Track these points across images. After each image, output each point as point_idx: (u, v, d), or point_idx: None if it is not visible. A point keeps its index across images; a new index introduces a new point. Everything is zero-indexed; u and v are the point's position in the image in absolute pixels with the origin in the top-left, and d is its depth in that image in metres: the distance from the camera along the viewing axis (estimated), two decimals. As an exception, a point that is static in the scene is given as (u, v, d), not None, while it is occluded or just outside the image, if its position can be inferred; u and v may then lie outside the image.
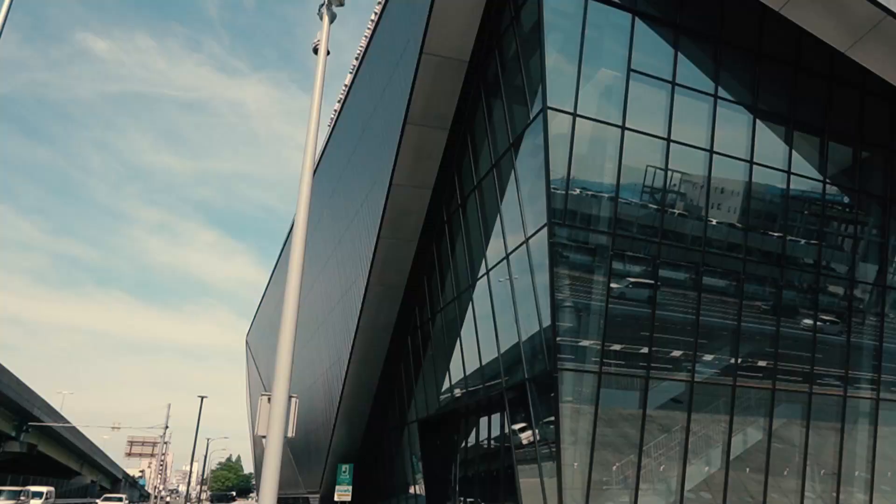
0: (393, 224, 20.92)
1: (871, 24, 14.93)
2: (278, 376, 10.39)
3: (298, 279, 10.60)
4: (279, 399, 10.49)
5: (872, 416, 16.44)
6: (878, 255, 17.23)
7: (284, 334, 10.34)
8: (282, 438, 10.30)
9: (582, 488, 14.14)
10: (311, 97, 11.95)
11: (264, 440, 10.75)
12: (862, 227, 17.19)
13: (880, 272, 17.14)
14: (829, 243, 16.96)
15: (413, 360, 23.84)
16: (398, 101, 19.56)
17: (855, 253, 17.02)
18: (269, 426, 10.39)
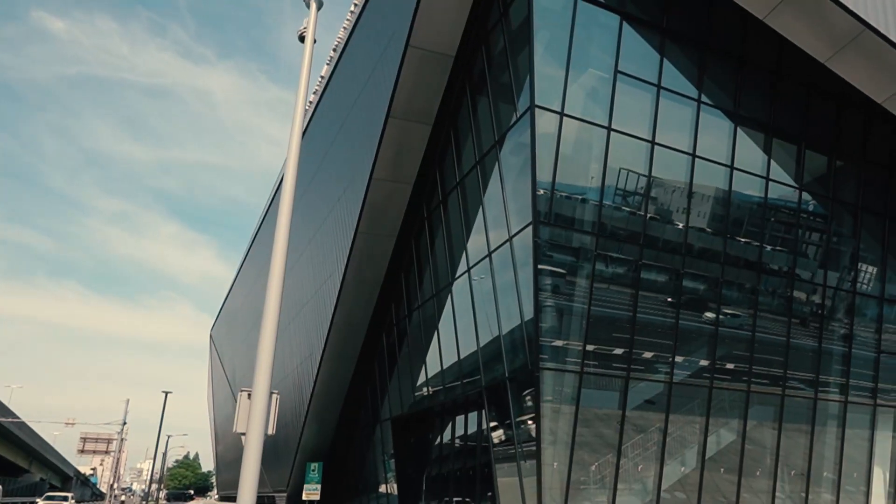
0: (372, 219, 20.69)
1: (851, 37, 15.28)
2: (259, 372, 10.17)
3: (281, 275, 10.46)
4: (260, 395, 10.25)
5: (841, 419, 16.82)
6: (850, 262, 17.63)
7: (266, 329, 10.14)
8: (262, 436, 10.09)
9: (561, 488, 14.15)
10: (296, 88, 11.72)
11: (243, 438, 10.50)
12: (834, 234, 17.58)
13: (851, 279, 17.54)
14: (802, 250, 17.30)
15: (388, 358, 23.63)
16: (381, 94, 19.35)
17: (827, 260, 17.39)
18: (248, 423, 10.15)
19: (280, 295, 10.34)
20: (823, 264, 17.33)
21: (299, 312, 27.89)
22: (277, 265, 10.48)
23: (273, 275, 10.38)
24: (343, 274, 21.89)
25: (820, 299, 17.18)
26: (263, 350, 10.15)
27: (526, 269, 14.99)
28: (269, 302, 10.25)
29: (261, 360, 10.08)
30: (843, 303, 17.39)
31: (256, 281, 40.78)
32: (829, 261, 17.40)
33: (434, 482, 20.84)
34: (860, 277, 17.58)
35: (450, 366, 18.96)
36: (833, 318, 17.25)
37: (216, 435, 67.18)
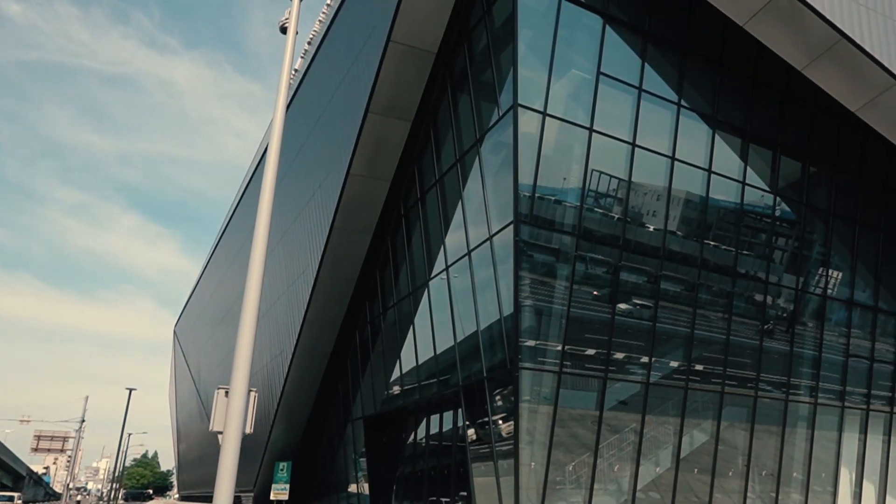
0: (348, 215, 20.42)
1: (828, 46, 15.57)
2: (237, 369, 9.97)
3: (260, 273, 10.31)
4: (238, 393, 10.05)
5: (810, 421, 17.14)
6: (820, 267, 17.98)
7: (244, 327, 9.95)
8: (240, 434, 9.91)
9: (538, 487, 14.12)
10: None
11: (220, 436, 10.28)
12: (806, 239, 17.91)
13: (821, 284, 17.89)
14: (776, 255, 17.59)
15: (361, 356, 23.38)
16: (360, 89, 19.10)
17: (798, 265, 17.71)
18: (226, 422, 9.95)
19: (259, 292, 10.17)
20: (795, 269, 17.64)
21: (270, 308, 27.44)
22: (257, 263, 10.29)
23: (252, 273, 10.18)
24: (317, 270, 21.58)
25: (792, 303, 17.48)
26: (241, 348, 9.96)
27: (506, 268, 14.92)
28: (248, 299, 10.06)
29: (239, 358, 9.89)
30: (813, 307, 17.73)
31: (225, 277, 40.05)
32: (800, 266, 17.72)
33: (407, 482, 20.68)
34: (830, 282, 17.94)
35: (425, 364, 18.82)
36: (804, 322, 17.57)
37: (178, 433, 65.90)
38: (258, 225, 10.65)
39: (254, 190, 34.53)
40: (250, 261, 10.23)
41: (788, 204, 17.63)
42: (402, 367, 20.25)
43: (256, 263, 10.32)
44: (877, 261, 18.57)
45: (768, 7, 15.35)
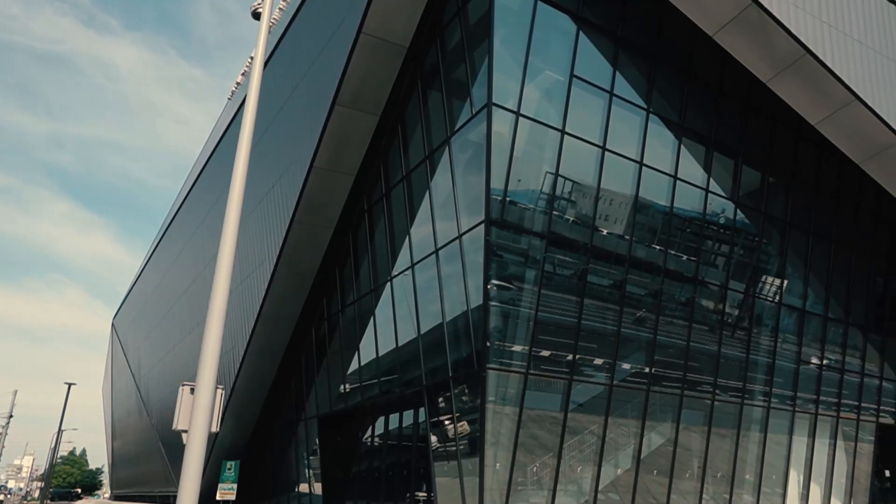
0: (310, 208, 19.91)
1: (792, 60, 16.00)
2: (204, 365, 9.56)
3: (229, 266, 9.97)
4: (205, 389, 9.63)
5: (763, 424, 17.60)
6: (776, 276, 18.49)
7: (212, 322, 9.58)
8: (206, 433, 9.50)
9: (502, 488, 14.04)
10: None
11: (184, 435, 9.83)
12: (763, 249, 18.38)
13: (777, 293, 18.40)
14: (736, 263, 17.99)
15: (316, 353, 22.86)
16: (327, 80, 18.63)
17: (756, 273, 18.17)
18: (191, 419, 9.52)
19: (227, 286, 9.79)
20: (753, 277, 18.09)
21: (222, 303, 26.57)
22: (226, 256, 9.94)
23: (221, 266, 9.82)
24: (275, 264, 20.98)
25: (748, 311, 17.91)
26: (209, 343, 9.57)
27: (475, 267, 14.79)
28: (216, 293, 9.69)
29: (206, 354, 9.51)
30: (768, 315, 18.21)
31: (170, 271, 38.69)
32: (757, 274, 18.18)
33: (363, 481, 20.32)
34: (785, 291, 18.46)
35: (386, 363, 18.51)
36: (759, 328, 18.02)
37: (113, 429, 63.41)
38: (227, 219, 10.26)
39: (204, 184, 33.45)
40: (219, 254, 9.83)
41: (748, 213, 18.06)
42: (361, 365, 19.88)
43: (225, 256, 9.94)
44: (828, 271, 19.22)
45: (738, 19, 15.67)
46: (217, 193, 29.52)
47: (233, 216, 10.35)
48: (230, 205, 10.36)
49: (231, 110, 31.11)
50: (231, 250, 10.01)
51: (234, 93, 33.41)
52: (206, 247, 30.34)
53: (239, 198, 10.60)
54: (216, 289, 9.70)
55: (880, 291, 20.46)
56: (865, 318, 19.97)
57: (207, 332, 9.50)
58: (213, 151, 32.49)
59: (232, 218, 10.34)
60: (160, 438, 37.52)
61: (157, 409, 38.80)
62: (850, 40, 16.37)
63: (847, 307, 19.55)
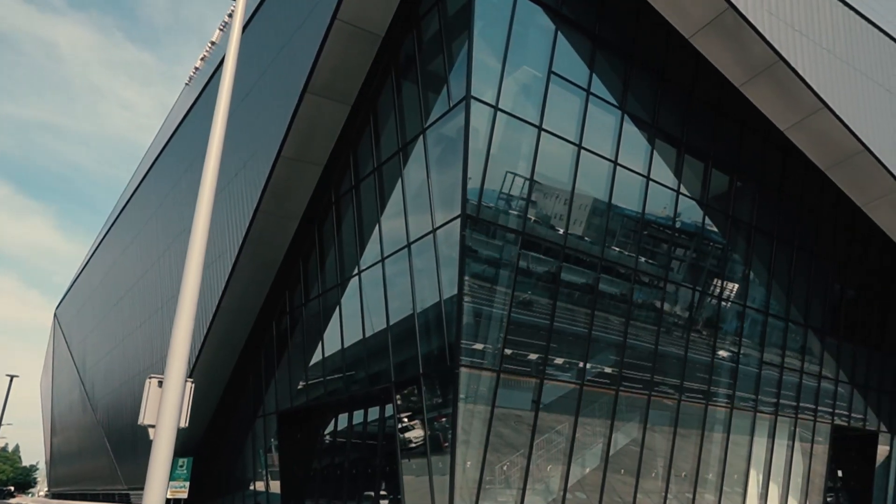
0: (276, 199, 19.30)
1: (765, 66, 16.22)
2: (173, 358, 9.11)
3: (201, 252, 9.60)
4: (174, 383, 9.19)
5: (726, 426, 17.83)
6: (742, 279, 18.77)
7: (182, 312, 8.96)
8: (174, 428, 9.09)
9: (472, 487, 13.82)
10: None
11: (151, 430, 9.35)
12: (730, 252, 18.62)
13: (742, 296, 18.67)
14: (703, 266, 18.18)
15: (277, 348, 22.23)
16: (298, 67, 18.06)
17: (722, 276, 18.39)
18: (159, 414, 9.06)
19: (199, 276, 9.41)
20: (719, 280, 18.30)
21: (175, 295, 25.61)
22: (197, 246, 9.57)
23: (192, 255, 9.48)
24: (237, 256, 20.28)
25: (715, 314, 18.12)
26: (179, 335, 9.14)
27: (449, 263, 14.51)
28: (187, 283, 9.30)
29: (175, 345, 9.07)
30: (733, 318, 18.46)
31: (119, 261, 37.24)
32: (723, 278, 18.40)
33: (325, 479, 19.83)
34: (749, 294, 18.74)
35: (353, 359, 18.08)
36: (724, 332, 18.25)
37: (53, 425, 60.88)
38: (199, 207, 9.86)
39: (159, 173, 32.25)
40: (190, 242, 9.48)
41: (715, 216, 18.26)
42: (326, 361, 19.38)
43: (197, 245, 9.56)
44: (789, 276, 19.62)
45: (714, 23, 15.79)
46: (173, 182, 28.50)
47: (205, 204, 9.91)
48: (202, 193, 9.91)
49: (190, 96, 30.06)
50: (203, 239, 9.62)
51: (193, 78, 32.28)
52: (160, 237, 29.27)
53: (211, 186, 10.15)
54: (187, 278, 9.27)
55: (837, 296, 21.02)
56: (822, 323, 20.48)
57: (177, 323, 9.07)
58: (168, 139, 31.33)
59: (204, 206, 9.91)
60: (106, 434, 36.10)
61: (104, 404, 37.31)
62: (820, 49, 16.69)
63: (806, 311, 20.00)
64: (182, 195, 26.45)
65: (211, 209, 9.84)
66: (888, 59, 18.26)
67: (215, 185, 9.96)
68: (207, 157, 9.99)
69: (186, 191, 26.00)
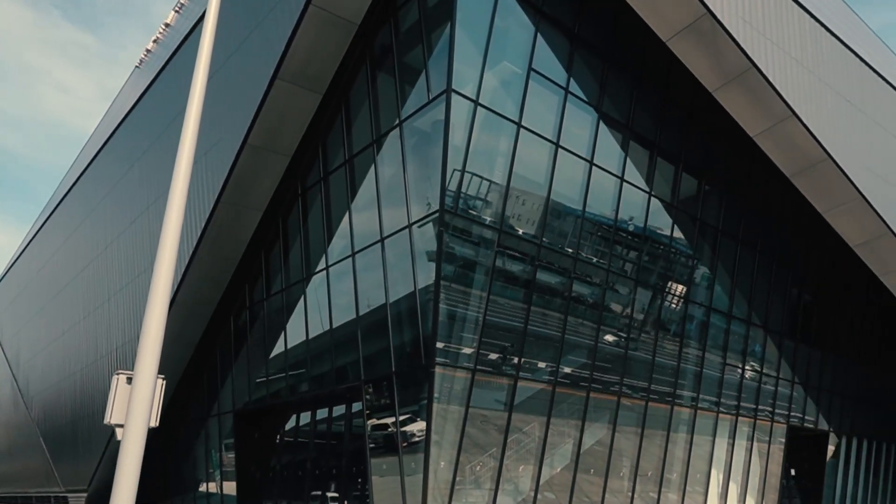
0: (239, 189, 18.54)
1: (739, 72, 16.45)
2: (143, 353, 8.59)
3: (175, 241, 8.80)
4: (145, 379, 8.66)
5: (690, 427, 18.05)
6: (708, 282, 19.04)
7: (153, 305, 8.35)
8: (145, 428, 8.56)
9: (445, 487, 13.55)
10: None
11: (119, 430, 8.79)
12: (697, 255, 18.87)
13: (707, 300, 18.94)
14: (671, 269, 18.36)
15: (234, 344, 21.42)
16: (268, 52, 17.36)
17: (689, 280, 18.61)
18: (128, 413, 8.53)
19: (172, 266, 8.92)
20: (687, 284, 18.52)
21: (126, 287, 24.46)
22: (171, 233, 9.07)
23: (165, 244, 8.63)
24: (195, 247, 19.39)
25: (681, 317, 18.32)
26: (150, 327, 8.66)
27: (426, 259, 14.20)
28: (160, 272, 8.73)
29: (147, 339, 8.58)
30: (698, 321, 18.71)
31: (59, 252, 35.39)
32: (691, 281, 18.62)
33: (286, 480, 19.18)
34: (714, 299, 19.03)
35: (319, 356, 17.52)
36: (690, 335, 18.48)
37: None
38: (173, 192, 9.38)
39: (106, 161, 30.73)
40: (163, 231, 8.86)
41: (685, 220, 18.46)
42: (289, 358, 18.74)
43: (170, 236, 9.09)
44: (752, 280, 20.03)
45: (692, 27, 15.91)
46: (124, 169, 27.20)
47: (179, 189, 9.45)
48: (176, 176, 9.45)
49: (141, 80, 28.74)
50: (177, 228, 9.17)
51: (145, 61, 30.90)
52: (108, 226, 27.90)
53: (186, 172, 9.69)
54: (159, 267, 8.77)
55: (795, 301, 21.60)
56: (781, 326, 21.00)
57: (149, 314, 8.53)
58: (118, 124, 29.88)
59: (178, 190, 9.44)
60: (41, 434, 34.26)
61: (40, 402, 35.39)
62: (789, 58, 17.05)
63: (766, 315, 20.47)
64: (135, 182, 25.26)
65: (185, 198, 9.39)
66: (852, 73, 18.85)
67: (189, 173, 9.48)
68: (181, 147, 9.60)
69: (140, 177, 24.83)
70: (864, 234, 18.49)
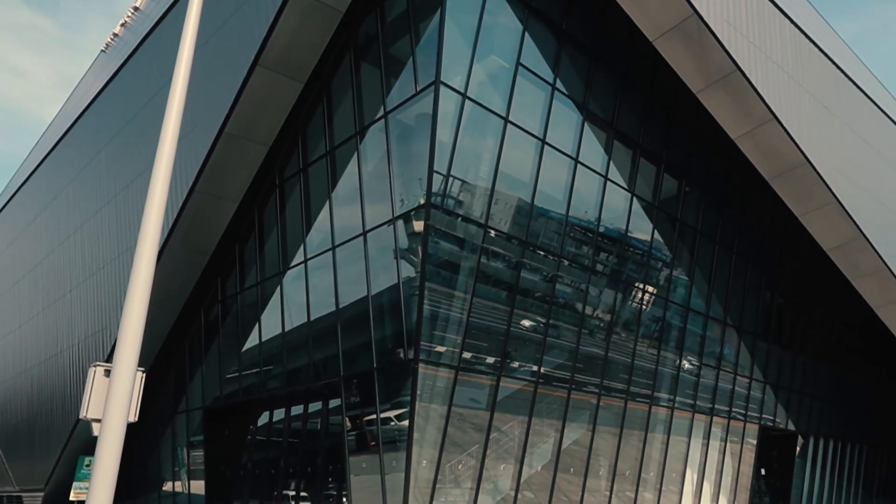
0: (214, 178, 17.96)
1: (723, 74, 16.54)
2: (123, 344, 8.22)
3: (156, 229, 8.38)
4: (124, 371, 8.27)
5: (667, 427, 18.12)
6: (686, 284, 19.15)
7: (134, 295, 7.98)
8: (124, 423, 8.13)
9: (427, 486, 13.30)
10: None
11: (95, 426, 8.36)
12: (677, 256, 18.96)
13: (685, 301, 19.05)
14: (655, 270, 18.39)
15: (205, 339, 20.79)
16: (247, 38, 16.85)
17: (670, 281, 18.68)
18: (106, 407, 8.10)
19: (154, 254, 8.61)
20: (667, 285, 18.58)
21: (90, 278, 23.57)
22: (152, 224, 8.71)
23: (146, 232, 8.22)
24: (166, 237, 18.74)
25: (660, 318, 18.38)
26: (131, 318, 8.30)
27: (410, 254, 13.92)
28: (141, 259, 8.32)
29: (126, 329, 8.24)
30: (677, 323, 18.80)
31: (19, 240, 34.02)
32: (671, 282, 18.69)
33: (258, 479, 18.66)
34: (692, 299, 19.15)
35: (296, 352, 17.08)
36: (669, 336, 18.56)
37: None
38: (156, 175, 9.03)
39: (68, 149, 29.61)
40: (143, 220, 8.26)
41: (665, 220, 18.53)
42: (263, 353, 18.24)
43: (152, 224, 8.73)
44: (727, 282, 20.23)
45: (679, 27, 15.93)
46: (88, 157, 26.23)
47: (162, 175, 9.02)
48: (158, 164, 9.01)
49: (108, 64, 27.75)
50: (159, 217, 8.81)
51: (111, 46, 29.87)
52: (71, 215, 26.89)
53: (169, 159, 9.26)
54: (140, 255, 8.37)
55: (768, 302, 21.90)
56: (755, 327, 21.27)
57: (129, 305, 8.13)
58: (83, 111, 28.81)
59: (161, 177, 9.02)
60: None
61: (-7, 397, 33.99)
62: (771, 63, 17.23)
63: (741, 316, 20.70)
64: (102, 170, 24.36)
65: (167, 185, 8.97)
66: (828, 79, 19.16)
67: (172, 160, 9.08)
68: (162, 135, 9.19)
69: (107, 165, 23.95)
70: (837, 237, 18.81)
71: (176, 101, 9.35)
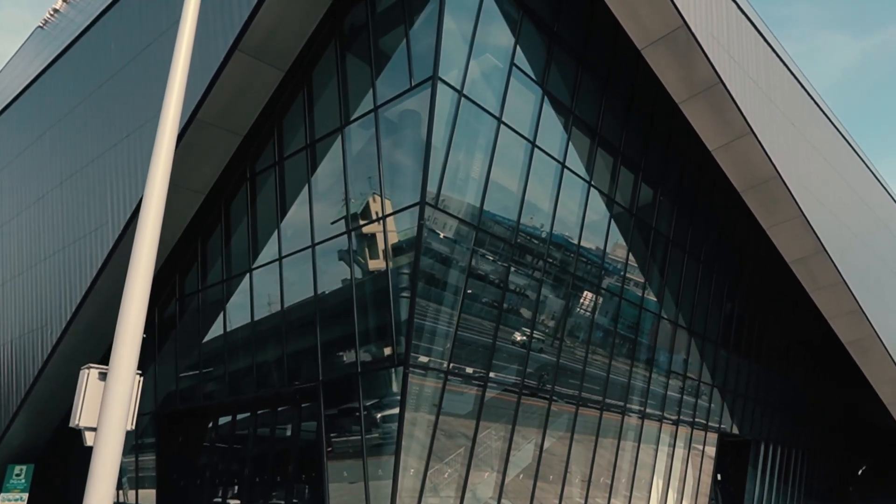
0: (182, 168, 16.77)
1: (706, 86, 16.81)
2: (122, 345, 7.65)
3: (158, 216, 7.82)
4: (122, 375, 7.62)
5: (637, 435, 18.25)
6: (658, 292, 19.37)
7: (132, 294, 7.46)
8: (122, 432, 7.46)
9: (413, 494, 12.83)
10: None
11: (90, 435, 7.65)
12: (651, 264, 19.15)
13: (658, 310, 19.26)
14: (631, 278, 18.51)
15: (159, 339, 19.54)
16: (225, 20, 15.89)
17: (645, 290, 18.85)
18: (101, 414, 7.40)
19: (154, 248, 7.84)
20: (641, 294, 18.74)
21: (31, 267, 21.78)
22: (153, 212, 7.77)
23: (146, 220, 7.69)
24: (122, 228, 17.47)
25: (634, 327, 18.51)
26: (129, 317, 7.72)
27: (402, 254, 13.43)
28: (140, 254, 7.56)
29: (124, 330, 7.40)
30: (649, 332, 19.00)
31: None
32: (645, 291, 18.86)
33: (219, 486, 17.59)
34: (664, 308, 19.40)
35: (267, 354, 16.22)
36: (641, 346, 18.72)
37: None
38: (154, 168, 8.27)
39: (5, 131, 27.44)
40: (142, 215, 7.71)
41: (642, 228, 18.69)
42: (228, 356, 17.26)
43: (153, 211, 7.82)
44: (694, 290, 20.62)
45: (667, 38, 16.07)
46: (30, 140, 24.32)
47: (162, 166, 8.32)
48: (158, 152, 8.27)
49: (49, 42, 25.86)
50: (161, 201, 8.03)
51: (51, 22, 27.89)
52: (5, 205, 24.88)
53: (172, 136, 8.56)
54: (139, 249, 7.79)
55: (728, 312, 22.48)
56: (717, 336, 21.78)
57: (127, 303, 7.42)
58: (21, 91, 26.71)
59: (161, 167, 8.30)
60: None
61: None
62: (748, 78, 17.67)
63: (706, 326, 21.14)
64: (45, 153, 22.60)
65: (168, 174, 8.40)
66: (796, 98, 19.87)
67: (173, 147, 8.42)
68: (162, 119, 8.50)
69: (52, 149, 22.23)
70: (801, 250, 19.45)
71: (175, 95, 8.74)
